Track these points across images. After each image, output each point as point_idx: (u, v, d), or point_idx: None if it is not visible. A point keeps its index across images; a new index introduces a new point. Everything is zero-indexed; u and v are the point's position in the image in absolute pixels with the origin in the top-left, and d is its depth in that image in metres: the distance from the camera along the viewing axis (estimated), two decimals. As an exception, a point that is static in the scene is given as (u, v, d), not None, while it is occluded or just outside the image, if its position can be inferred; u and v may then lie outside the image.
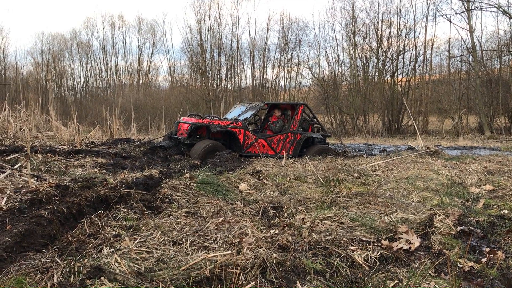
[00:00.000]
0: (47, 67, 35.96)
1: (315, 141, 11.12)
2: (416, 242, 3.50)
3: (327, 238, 3.50)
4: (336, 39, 33.39)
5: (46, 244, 3.27)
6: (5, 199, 4.08)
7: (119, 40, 36.60)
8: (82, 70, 36.78)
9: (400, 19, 27.47)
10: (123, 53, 36.35)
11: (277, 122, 10.93)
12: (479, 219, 4.38)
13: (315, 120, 11.46)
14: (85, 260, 2.78)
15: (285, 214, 4.53)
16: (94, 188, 4.67)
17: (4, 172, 5.20)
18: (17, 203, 3.97)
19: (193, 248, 3.22)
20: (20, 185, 4.71)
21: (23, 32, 51.96)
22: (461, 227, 4.02)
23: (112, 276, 2.60)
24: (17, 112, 12.78)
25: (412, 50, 27.02)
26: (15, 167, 5.43)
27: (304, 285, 2.68)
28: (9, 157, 6.98)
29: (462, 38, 26.29)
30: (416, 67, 27.43)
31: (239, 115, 10.68)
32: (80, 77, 37.16)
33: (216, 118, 10.24)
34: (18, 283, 2.43)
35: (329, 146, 11.82)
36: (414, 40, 26.79)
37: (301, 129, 10.96)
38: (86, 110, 28.13)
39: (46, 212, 3.62)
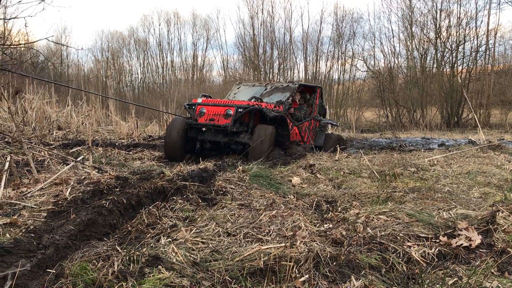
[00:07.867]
0: (106, 64, 37.39)
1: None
2: (477, 239, 3.36)
3: (383, 233, 3.43)
4: (392, 30, 32.67)
5: (107, 233, 3.42)
6: (69, 189, 4.29)
7: (175, 36, 37.55)
8: (140, 66, 37.99)
9: (460, 7, 26.20)
10: (178, 49, 37.14)
11: (301, 108, 9.35)
12: (546, 216, 4.14)
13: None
14: (144, 249, 2.88)
15: (339, 208, 4.47)
16: (152, 180, 4.82)
17: (68, 164, 5.47)
18: (80, 194, 4.17)
19: (247, 240, 3.26)
20: (83, 177, 4.94)
21: (84, 30, 54.36)
22: (527, 225, 3.81)
23: (169, 265, 2.68)
24: (79, 108, 13.39)
25: (473, 40, 25.73)
26: (78, 159, 5.69)
27: (359, 279, 2.64)
28: (72, 150, 7.35)
29: (529, 26, 24.80)
30: (478, 58, 26.12)
31: (261, 95, 8.96)
32: (137, 73, 38.38)
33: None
34: (82, 269, 2.56)
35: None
36: (476, 30, 25.49)
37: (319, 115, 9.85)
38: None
39: (107, 203, 3.78)
